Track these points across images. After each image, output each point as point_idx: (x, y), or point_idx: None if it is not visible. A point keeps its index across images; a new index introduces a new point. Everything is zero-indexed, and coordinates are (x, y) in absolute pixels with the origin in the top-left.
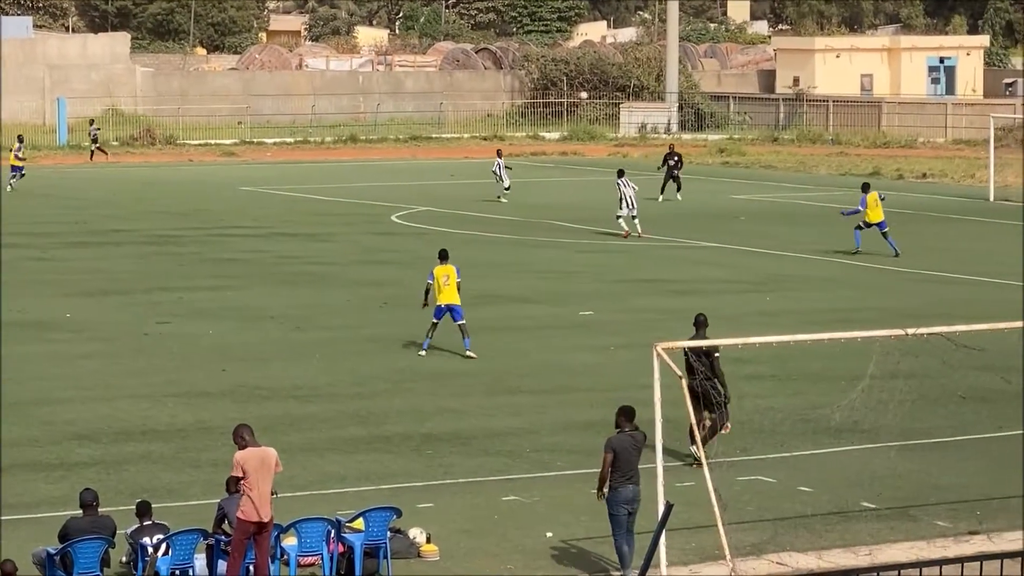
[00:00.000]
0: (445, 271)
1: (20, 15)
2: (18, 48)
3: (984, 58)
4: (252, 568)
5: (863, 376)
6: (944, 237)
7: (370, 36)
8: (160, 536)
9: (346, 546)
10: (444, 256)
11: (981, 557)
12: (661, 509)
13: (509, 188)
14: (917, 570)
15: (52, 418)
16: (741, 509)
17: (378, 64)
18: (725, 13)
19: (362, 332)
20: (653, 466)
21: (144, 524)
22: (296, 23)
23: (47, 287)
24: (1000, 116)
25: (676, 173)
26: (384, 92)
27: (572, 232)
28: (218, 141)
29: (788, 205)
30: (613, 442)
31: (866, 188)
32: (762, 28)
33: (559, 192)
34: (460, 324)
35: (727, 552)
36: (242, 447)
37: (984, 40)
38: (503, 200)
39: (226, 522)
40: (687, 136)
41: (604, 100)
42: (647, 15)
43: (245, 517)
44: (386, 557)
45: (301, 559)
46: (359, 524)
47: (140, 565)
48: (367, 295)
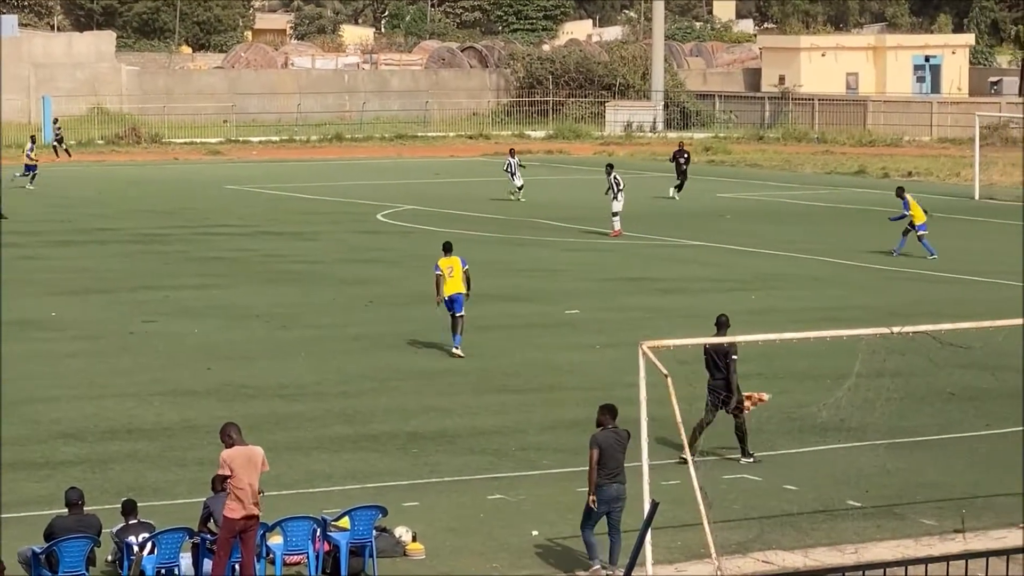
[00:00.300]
0: (450, 262)
1: (6, 13)
2: (3, 46)
3: (969, 56)
4: (238, 567)
5: (849, 375)
6: (929, 235)
7: (356, 35)
8: (146, 535)
9: (332, 545)
10: (448, 248)
11: (967, 555)
12: (647, 507)
13: (522, 187)
14: (903, 568)
15: (37, 417)
16: (727, 507)
17: (364, 63)
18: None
19: (348, 331)
20: (639, 464)
21: (130, 523)
22: (282, 22)
23: (32, 286)
24: (985, 114)
25: (684, 168)
26: (370, 91)
27: (558, 231)
28: (204, 140)
29: (774, 204)
30: (598, 438)
31: (901, 192)
32: (748, 27)
33: (545, 191)
34: (459, 315)
35: (713, 550)
36: (229, 445)
37: (969, 38)
38: (520, 199)
39: (212, 521)
40: (672, 135)
41: (590, 99)
42: (633, 14)
43: (231, 515)
44: (372, 556)
45: (287, 558)
46: (345, 523)
47: (126, 564)
48: (353, 294)
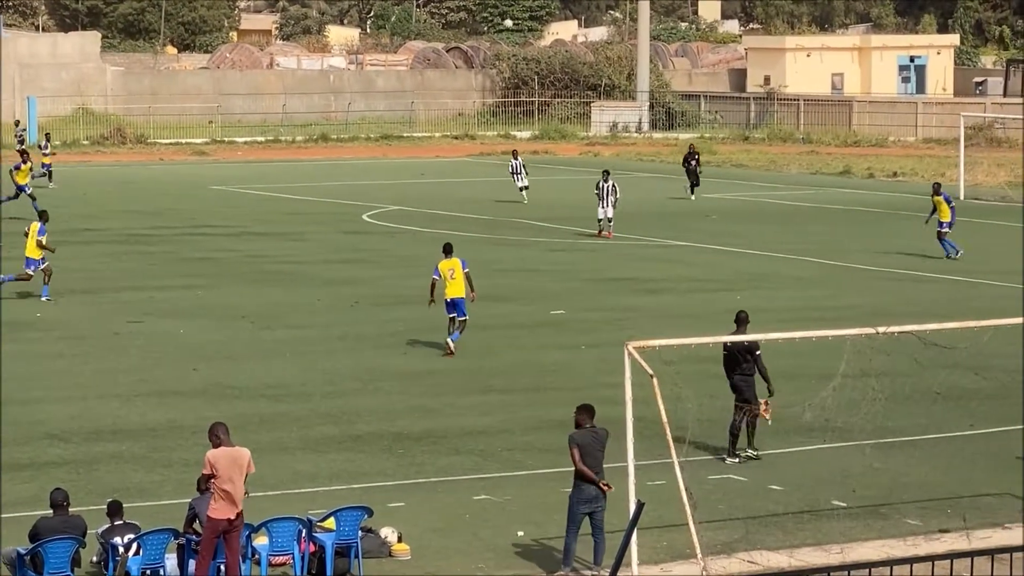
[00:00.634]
0: (450, 265)
1: None
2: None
3: (954, 57)
4: (223, 568)
5: (834, 375)
6: (915, 236)
7: (341, 35)
8: (131, 536)
9: (317, 545)
10: (448, 250)
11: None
12: (632, 508)
13: (528, 187)
14: (888, 568)
15: (22, 418)
16: (712, 508)
17: (349, 63)
18: (696, 12)
19: (333, 331)
20: (624, 465)
21: (115, 524)
22: (267, 22)
23: (16, 285)
24: (970, 115)
25: (697, 170)
26: (355, 91)
27: (543, 231)
28: (189, 140)
29: (759, 204)
30: (576, 437)
31: (938, 188)
32: (733, 27)
33: (531, 191)
34: (461, 319)
35: (698, 551)
36: (216, 445)
37: (954, 39)
38: (523, 200)
39: (197, 522)
40: (658, 135)
41: (575, 99)
42: (618, 14)
43: (214, 516)
44: (357, 556)
45: (272, 559)
46: (330, 523)
47: (111, 565)
48: (338, 294)
